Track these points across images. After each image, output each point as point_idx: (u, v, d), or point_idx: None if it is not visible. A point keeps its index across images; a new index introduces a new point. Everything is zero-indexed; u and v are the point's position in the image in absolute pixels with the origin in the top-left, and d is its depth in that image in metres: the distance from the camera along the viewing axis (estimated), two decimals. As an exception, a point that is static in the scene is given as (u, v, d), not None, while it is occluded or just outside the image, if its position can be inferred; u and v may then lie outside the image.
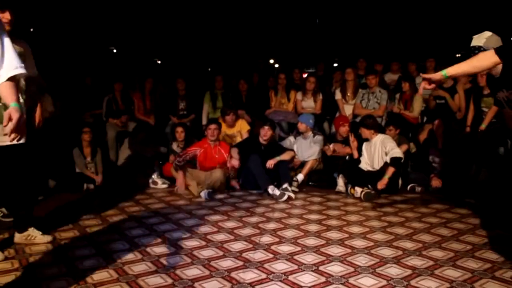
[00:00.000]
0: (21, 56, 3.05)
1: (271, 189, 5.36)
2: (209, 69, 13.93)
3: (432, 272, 3.01)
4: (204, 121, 7.48)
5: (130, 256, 3.33)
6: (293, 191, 5.47)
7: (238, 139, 6.53)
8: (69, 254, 3.39)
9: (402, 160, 5.41)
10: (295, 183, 5.77)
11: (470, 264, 3.16)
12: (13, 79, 2.52)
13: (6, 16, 3.39)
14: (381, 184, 5.27)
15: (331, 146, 6.02)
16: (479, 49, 3.29)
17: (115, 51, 14.62)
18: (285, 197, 5.21)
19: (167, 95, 7.98)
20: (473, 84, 6.20)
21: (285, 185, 5.45)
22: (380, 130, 5.87)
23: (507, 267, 3.10)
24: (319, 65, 8.90)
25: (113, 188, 5.85)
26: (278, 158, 5.74)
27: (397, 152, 5.37)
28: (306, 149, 6.15)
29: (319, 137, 6.22)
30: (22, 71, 2.56)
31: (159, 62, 15.65)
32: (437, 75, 3.08)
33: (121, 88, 7.44)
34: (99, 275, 2.97)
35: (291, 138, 6.47)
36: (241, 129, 6.67)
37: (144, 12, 11.19)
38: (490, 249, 3.47)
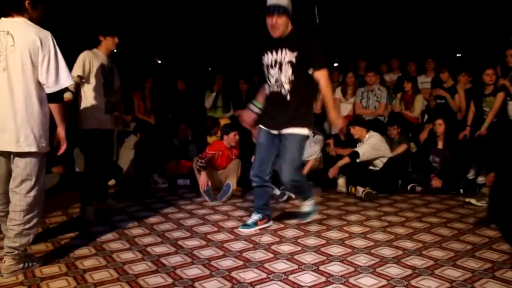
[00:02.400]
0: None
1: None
2: (210, 69, 13.91)
3: (432, 272, 3.01)
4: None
5: (130, 256, 3.33)
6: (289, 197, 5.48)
7: None
8: (69, 253, 3.39)
9: (359, 159, 5.50)
10: None
11: (471, 264, 3.16)
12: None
13: (116, 41, 4.48)
14: (331, 173, 5.61)
15: (336, 149, 6.03)
16: (284, 9, 3.53)
17: (115, 50, 14.61)
18: (285, 197, 5.21)
19: (167, 95, 7.98)
20: (474, 84, 6.20)
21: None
22: (383, 128, 5.89)
23: (507, 267, 3.10)
24: None
25: (113, 187, 5.85)
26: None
27: (361, 149, 5.53)
28: (306, 148, 6.15)
29: (319, 137, 6.21)
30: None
31: (159, 61, 15.62)
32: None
33: (121, 91, 7.45)
34: (99, 275, 2.97)
35: None
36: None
37: (144, 11, 11.18)
38: (490, 249, 3.47)
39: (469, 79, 6.49)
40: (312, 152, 6.06)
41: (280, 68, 3.66)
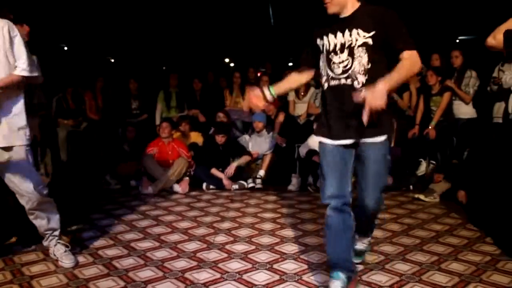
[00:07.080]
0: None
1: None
2: (164, 68, 13.76)
3: (383, 267, 3.09)
4: (157, 121, 7.37)
5: (81, 260, 3.24)
6: (258, 188, 5.81)
7: None
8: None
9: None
10: (259, 180, 5.88)
11: (419, 258, 3.27)
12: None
13: (26, 29, 3.83)
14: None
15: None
16: None
17: (66, 48, 14.18)
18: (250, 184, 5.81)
19: (120, 94, 7.81)
20: (422, 83, 6.39)
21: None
22: None
23: (506, 258, 3.23)
24: (266, 64, 9.03)
25: (64, 189, 5.68)
26: (235, 164, 5.92)
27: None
28: (262, 144, 6.25)
29: (273, 133, 6.36)
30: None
31: (112, 60, 15.30)
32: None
33: (72, 90, 7.25)
34: (47, 281, 2.89)
35: (246, 136, 6.54)
36: (196, 141, 6.62)
37: (96, 8, 10.91)
38: (437, 243, 3.60)
39: (418, 78, 6.66)
40: (270, 146, 6.29)
41: (350, 53, 2.51)
